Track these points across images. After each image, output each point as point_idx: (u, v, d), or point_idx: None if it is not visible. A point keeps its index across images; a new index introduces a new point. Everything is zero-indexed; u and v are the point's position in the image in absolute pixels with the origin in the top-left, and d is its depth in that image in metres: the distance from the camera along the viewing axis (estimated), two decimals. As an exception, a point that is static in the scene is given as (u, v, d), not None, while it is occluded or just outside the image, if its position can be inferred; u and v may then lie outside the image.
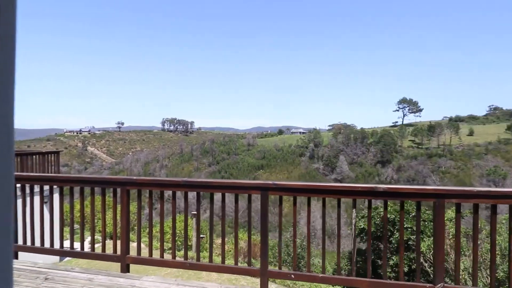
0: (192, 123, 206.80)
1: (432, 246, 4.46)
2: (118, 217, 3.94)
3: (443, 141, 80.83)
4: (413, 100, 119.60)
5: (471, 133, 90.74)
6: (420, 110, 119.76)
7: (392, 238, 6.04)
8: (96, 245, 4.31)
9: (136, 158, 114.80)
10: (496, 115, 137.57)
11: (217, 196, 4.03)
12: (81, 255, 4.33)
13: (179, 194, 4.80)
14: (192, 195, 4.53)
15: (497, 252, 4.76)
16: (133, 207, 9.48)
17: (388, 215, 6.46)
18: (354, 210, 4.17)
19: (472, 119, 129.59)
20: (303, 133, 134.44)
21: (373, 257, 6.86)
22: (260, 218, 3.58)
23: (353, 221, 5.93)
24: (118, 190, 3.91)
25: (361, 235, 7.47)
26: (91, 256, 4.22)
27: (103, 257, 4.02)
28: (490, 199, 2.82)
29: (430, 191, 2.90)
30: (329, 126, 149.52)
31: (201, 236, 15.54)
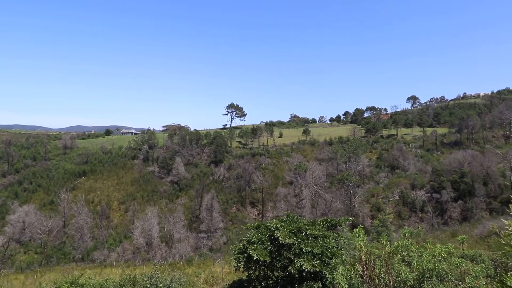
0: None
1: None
2: None
3: (262, 142, 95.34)
4: (239, 106, 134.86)
5: (280, 135, 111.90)
6: (245, 115, 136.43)
7: (290, 267, 5.18)
8: None
9: None
10: (295, 121, 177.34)
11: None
12: None
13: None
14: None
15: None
16: None
17: (286, 240, 5.65)
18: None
19: (281, 124, 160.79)
20: (136, 133, 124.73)
21: None
22: None
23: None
24: None
25: (249, 264, 6.11)
26: None
27: None
28: None
29: None
30: (163, 127, 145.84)
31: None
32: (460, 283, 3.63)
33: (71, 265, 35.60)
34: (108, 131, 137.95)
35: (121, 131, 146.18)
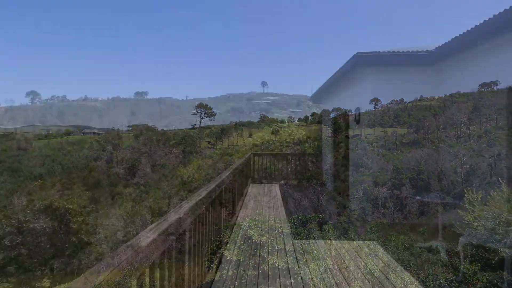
0: None
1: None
2: None
3: (232, 142, 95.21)
4: (208, 105, 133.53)
5: (250, 135, 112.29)
6: (214, 115, 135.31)
7: (263, 265, 5.11)
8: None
9: None
10: (265, 121, 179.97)
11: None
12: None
13: None
14: None
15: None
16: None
17: (259, 238, 5.71)
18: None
19: (250, 124, 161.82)
20: (99, 133, 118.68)
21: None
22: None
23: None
24: None
25: (221, 265, 5.94)
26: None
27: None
28: None
29: None
30: (128, 126, 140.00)
31: None
32: (420, 271, 3.99)
33: (27, 275, 33.08)
34: (68, 131, 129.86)
35: (83, 131, 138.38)
